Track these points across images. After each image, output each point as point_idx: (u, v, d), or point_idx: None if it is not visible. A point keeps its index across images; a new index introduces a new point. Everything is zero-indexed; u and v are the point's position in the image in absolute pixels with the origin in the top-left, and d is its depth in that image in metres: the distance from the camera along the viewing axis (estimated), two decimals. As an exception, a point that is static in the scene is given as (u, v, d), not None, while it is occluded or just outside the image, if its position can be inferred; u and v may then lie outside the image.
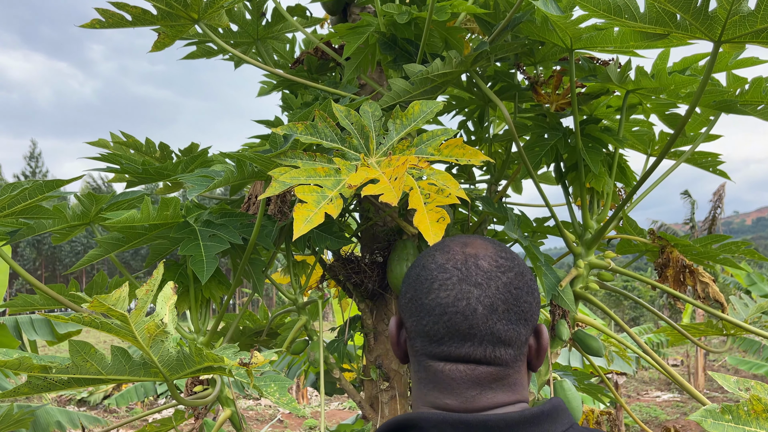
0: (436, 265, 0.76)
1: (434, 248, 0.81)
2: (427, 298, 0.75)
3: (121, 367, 0.94)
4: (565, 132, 1.59)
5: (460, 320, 0.73)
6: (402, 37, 1.52)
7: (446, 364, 0.74)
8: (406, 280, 0.80)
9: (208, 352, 0.89)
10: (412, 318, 0.77)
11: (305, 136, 1.12)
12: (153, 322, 0.87)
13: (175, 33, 1.41)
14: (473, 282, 0.74)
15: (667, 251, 1.48)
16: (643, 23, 1.15)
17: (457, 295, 0.73)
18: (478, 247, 0.78)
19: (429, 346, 0.75)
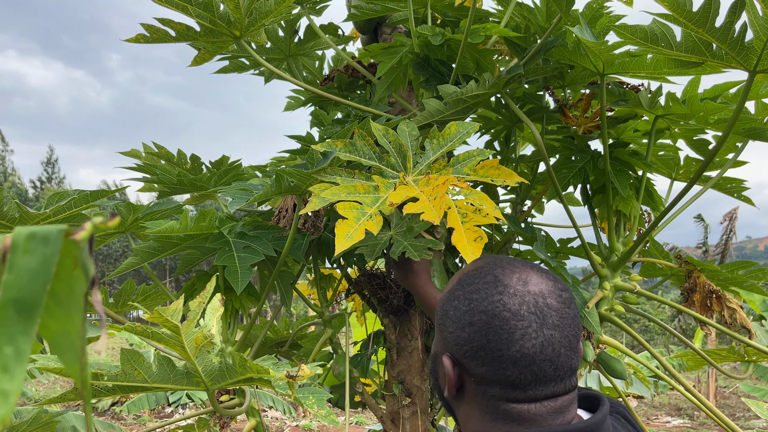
0: (510, 313, 0.77)
1: (492, 288, 0.80)
2: (510, 349, 0.76)
3: (166, 376, 0.96)
4: (593, 155, 1.61)
5: (548, 366, 0.76)
6: (435, 57, 1.56)
7: (530, 404, 0.77)
8: (466, 327, 0.79)
9: (252, 364, 0.91)
10: (486, 367, 0.77)
11: (345, 154, 1.15)
12: (201, 333, 0.89)
13: (215, 49, 1.45)
14: (551, 325, 0.77)
15: (694, 276, 1.49)
16: (679, 51, 1.17)
17: (542, 342, 0.76)
18: (535, 281, 0.79)
19: (512, 392, 0.77)
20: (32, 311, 0.29)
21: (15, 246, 0.29)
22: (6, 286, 0.29)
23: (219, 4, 1.28)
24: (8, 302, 0.29)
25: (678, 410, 13.73)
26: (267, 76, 2.17)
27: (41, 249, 0.29)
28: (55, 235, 0.30)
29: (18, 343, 0.29)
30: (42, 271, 0.29)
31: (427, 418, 1.75)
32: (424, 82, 1.56)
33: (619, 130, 1.74)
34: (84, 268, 0.30)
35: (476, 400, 0.80)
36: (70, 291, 0.31)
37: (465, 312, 0.80)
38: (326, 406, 1.01)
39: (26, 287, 0.29)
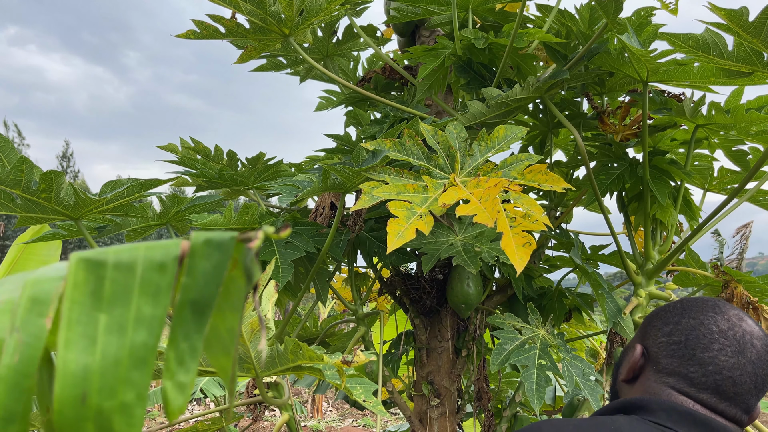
0: (717, 329, 0.87)
1: (711, 307, 0.91)
2: (703, 353, 0.86)
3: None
4: (631, 162, 1.61)
5: (729, 384, 0.85)
6: (477, 61, 1.57)
7: (696, 404, 0.86)
8: (671, 323, 0.91)
9: (306, 350, 0.92)
10: (674, 359, 0.88)
11: (394, 153, 1.16)
12: (257, 317, 0.90)
13: (262, 47, 1.47)
14: (748, 359, 0.86)
15: (731, 286, 1.48)
16: (730, 61, 1.17)
17: (735, 364, 0.85)
18: (752, 325, 0.89)
19: (686, 387, 0.86)
20: (206, 311, 0.31)
21: (193, 251, 0.32)
22: (185, 288, 0.31)
23: (272, 1, 1.30)
24: (186, 303, 0.31)
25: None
26: (303, 75, 2.19)
27: (216, 254, 0.31)
28: (228, 242, 0.32)
29: (193, 340, 0.31)
30: (216, 275, 0.31)
31: (455, 419, 1.76)
32: (466, 84, 1.57)
33: (656, 139, 1.74)
34: (247, 271, 0.32)
35: (646, 385, 0.90)
36: (226, 292, 0.33)
37: (677, 314, 0.92)
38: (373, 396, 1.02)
39: (202, 290, 0.31)
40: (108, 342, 0.30)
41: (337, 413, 12.08)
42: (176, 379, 0.31)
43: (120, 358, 0.30)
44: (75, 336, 0.30)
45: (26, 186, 1.05)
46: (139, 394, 0.30)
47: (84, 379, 0.30)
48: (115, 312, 0.31)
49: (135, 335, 0.30)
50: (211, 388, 5.80)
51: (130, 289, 0.31)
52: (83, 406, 0.29)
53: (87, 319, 0.30)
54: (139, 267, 0.31)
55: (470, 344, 1.73)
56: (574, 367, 1.38)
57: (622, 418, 0.83)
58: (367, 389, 1.00)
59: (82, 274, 0.31)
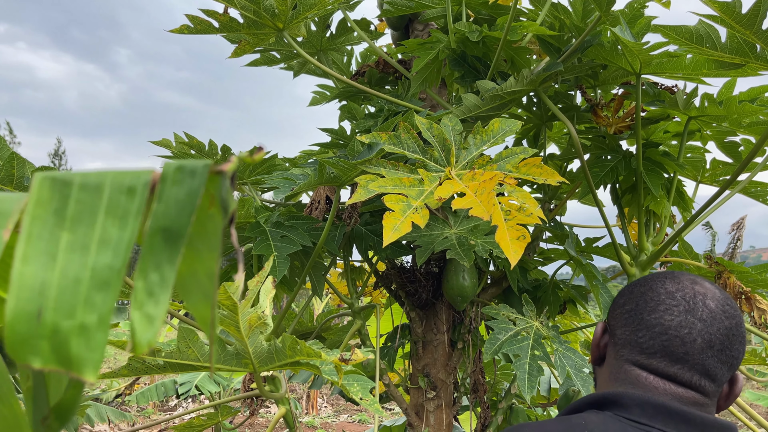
0: (665, 291, 0.83)
1: (664, 275, 0.87)
2: (650, 315, 0.82)
3: (217, 356, 0.98)
4: (625, 154, 1.62)
5: (677, 344, 0.80)
6: (471, 54, 1.57)
7: (650, 375, 0.81)
8: (626, 294, 0.88)
9: (303, 346, 0.92)
10: (625, 328, 0.85)
11: (389, 146, 1.16)
12: (256, 313, 0.91)
13: (256, 41, 1.47)
14: (698, 317, 0.81)
15: (724, 277, 1.50)
16: (723, 52, 1.18)
17: (681, 322, 0.80)
18: (707, 287, 0.84)
19: (638, 356, 0.82)
20: (178, 240, 0.30)
21: (164, 177, 0.30)
22: (155, 215, 0.30)
23: (266, -4, 1.30)
24: (157, 231, 0.30)
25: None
26: (296, 70, 2.19)
27: (188, 181, 0.30)
28: (202, 169, 0.30)
29: (163, 270, 0.29)
30: (189, 202, 0.30)
31: (451, 411, 1.77)
32: (460, 78, 1.57)
33: (649, 131, 1.75)
34: (223, 204, 0.31)
35: (610, 363, 0.86)
36: (201, 230, 0.31)
37: (633, 285, 0.89)
38: (370, 394, 1.02)
39: (174, 217, 0.30)
40: (69, 260, 0.29)
41: (332, 409, 12.10)
42: (144, 310, 0.29)
43: (81, 278, 0.29)
44: (34, 251, 0.29)
45: (18, 182, 1.05)
46: (101, 317, 0.29)
47: (40, 294, 0.28)
48: (78, 231, 0.29)
49: (99, 256, 0.29)
50: (206, 384, 5.80)
51: (95, 210, 0.30)
52: (38, 323, 0.28)
53: (48, 236, 0.29)
54: (107, 189, 0.30)
55: (466, 337, 1.74)
56: (567, 358, 1.39)
57: (595, 417, 0.79)
58: (364, 387, 1.00)
59: (46, 192, 0.30)
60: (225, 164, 0.32)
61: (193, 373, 5.98)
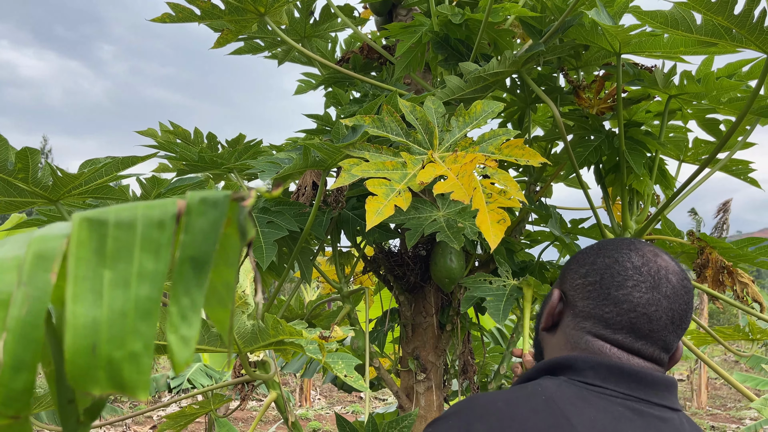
0: (631, 265, 0.84)
1: (626, 245, 0.88)
2: (618, 291, 0.83)
3: (201, 337, 0.99)
4: (608, 134, 1.64)
5: (644, 322, 0.82)
6: (454, 37, 1.58)
7: (613, 347, 0.83)
8: (587, 264, 0.88)
9: (285, 325, 0.93)
10: (589, 301, 0.85)
11: (373, 129, 1.17)
12: (237, 293, 0.92)
13: (239, 29, 1.47)
14: (663, 293, 0.83)
15: (707, 252, 1.52)
16: (699, 35, 1.20)
17: (648, 300, 0.82)
18: (667, 260, 0.87)
19: (602, 330, 0.84)
20: (205, 267, 0.33)
21: (189, 209, 0.33)
22: (184, 245, 0.33)
23: (246, -20, 1.30)
24: (186, 260, 0.33)
25: (671, 400, 13.86)
26: (281, 58, 2.19)
27: (212, 212, 0.33)
28: (223, 200, 0.34)
29: (193, 295, 0.33)
30: (213, 232, 0.33)
31: (441, 393, 1.79)
32: (444, 61, 1.58)
33: (632, 112, 1.77)
34: (241, 228, 0.34)
35: (566, 332, 0.88)
36: (221, 249, 0.35)
37: (592, 254, 0.89)
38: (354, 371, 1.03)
39: (200, 246, 0.33)
40: (114, 296, 0.32)
41: (326, 401, 12.14)
42: (180, 333, 0.32)
43: (126, 311, 0.32)
44: (82, 291, 0.32)
45: (2, 166, 1.05)
46: (146, 344, 0.32)
47: (93, 330, 0.32)
48: (118, 268, 0.32)
49: (139, 289, 0.32)
50: (198, 378, 5.81)
51: (131, 246, 0.33)
52: (94, 356, 0.31)
53: (93, 275, 0.32)
54: (139, 225, 0.33)
55: (454, 319, 1.75)
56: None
57: (551, 383, 0.80)
58: (348, 364, 1.01)
59: (85, 232, 0.33)
60: (246, 198, 0.35)
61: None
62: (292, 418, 1.57)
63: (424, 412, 1.76)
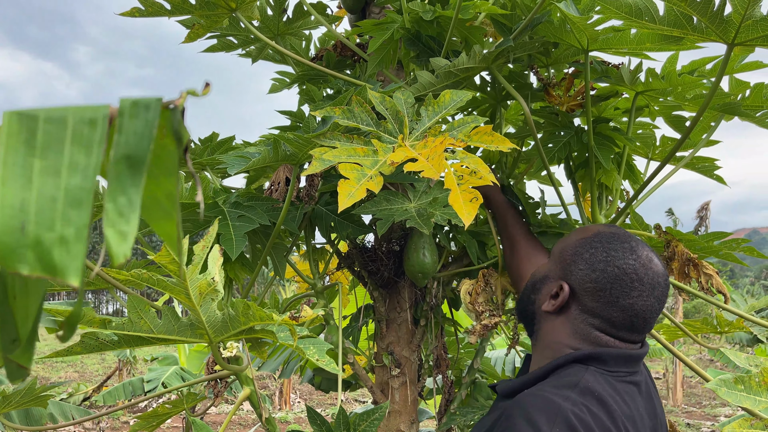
0: (637, 277, 1.03)
1: (629, 253, 1.06)
2: (624, 300, 1.02)
3: (171, 327, 0.98)
4: (577, 130, 1.67)
5: (641, 321, 1.04)
6: (425, 33, 1.59)
7: (615, 340, 1.04)
8: (600, 271, 1.05)
9: (256, 310, 0.93)
10: (599, 303, 1.04)
11: (343, 120, 1.18)
12: (205, 280, 0.91)
13: (210, 24, 1.47)
14: (656, 297, 1.05)
15: (673, 245, 1.56)
16: (662, 25, 1.22)
17: (646, 305, 1.03)
18: (658, 265, 1.07)
19: (609, 327, 1.04)
20: (140, 166, 0.34)
21: (122, 111, 0.34)
22: (118, 145, 0.34)
23: (217, -26, 1.30)
24: (121, 159, 0.34)
25: (647, 398, 14.05)
26: (254, 55, 2.18)
27: (144, 114, 0.34)
28: (155, 103, 0.34)
29: (130, 193, 0.33)
30: (146, 132, 0.34)
31: (416, 388, 1.80)
32: (415, 57, 1.60)
33: (601, 109, 1.80)
34: (176, 135, 0.34)
35: (571, 321, 1.06)
36: (158, 159, 0.35)
37: (601, 261, 1.06)
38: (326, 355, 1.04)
39: (135, 145, 0.34)
40: (44, 182, 0.33)
41: (304, 403, 12.08)
42: (117, 228, 0.33)
43: (56, 197, 0.33)
44: (11, 175, 0.33)
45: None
46: (78, 230, 0.33)
47: (21, 211, 0.32)
48: (49, 158, 0.33)
49: (70, 179, 0.33)
50: (173, 381, 5.75)
51: (62, 140, 0.34)
52: (22, 235, 0.32)
53: (23, 163, 0.33)
54: (70, 121, 0.34)
55: (428, 314, 1.76)
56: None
57: (585, 374, 0.98)
58: (320, 349, 1.02)
59: (15, 125, 0.34)
60: (175, 99, 0.36)
61: (161, 370, 5.92)
62: (266, 414, 1.57)
63: (398, 407, 1.77)
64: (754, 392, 0.96)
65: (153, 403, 9.24)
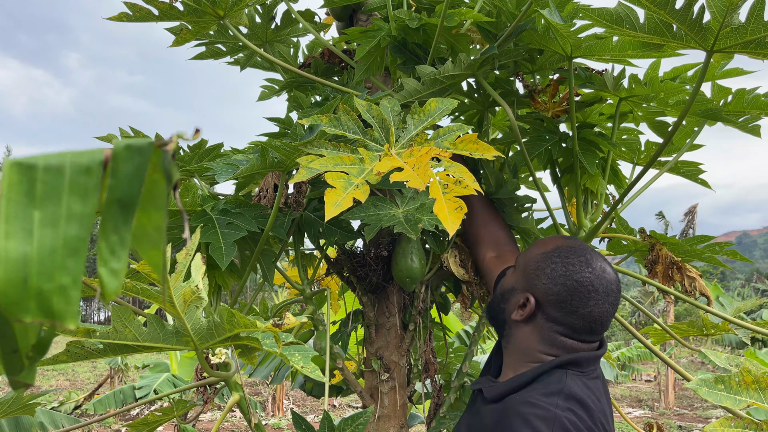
0: (593, 288, 1.16)
1: (585, 266, 1.18)
2: (584, 309, 1.16)
3: (156, 335, 0.99)
4: (562, 136, 1.69)
5: (599, 325, 1.18)
6: (412, 41, 1.61)
7: (577, 342, 1.18)
8: (561, 285, 1.17)
9: (240, 317, 0.94)
10: (561, 313, 1.17)
11: (330, 128, 1.19)
12: (189, 288, 0.92)
13: (197, 29, 1.48)
14: (610, 302, 1.18)
15: (657, 248, 1.58)
16: (642, 33, 1.25)
17: (604, 311, 1.17)
18: (609, 271, 1.20)
19: (571, 332, 1.18)
20: (131, 207, 0.36)
21: (116, 155, 0.36)
22: (111, 188, 0.36)
23: (204, -17, 1.31)
24: (113, 201, 0.36)
25: (639, 401, 14.12)
26: (243, 63, 2.19)
27: (136, 157, 0.36)
28: (147, 147, 0.37)
29: (121, 232, 0.36)
30: (138, 176, 0.36)
31: (405, 392, 1.81)
32: (402, 64, 1.61)
33: (586, 114, 1.83)
34: (167, 173, 0.36)
35: (539, 329, 1.20)
36: (149, 194, 0.38)
37: (561, 275, 1.18)
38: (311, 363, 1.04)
39: (126, 189, 0.36)
40: (43, 234, 0.35)
41: (299, 410, 12.03)
42: (110, 266, 0.35)
43: (55, 248, 0.35)
44: (13, 229, 0.34)
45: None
46: (74, 278, 0.35)
47: (24, 264, 0.34)
48: (47, 209, 0.35)
49: (67, 229, 0.35)
50: (165, 388, 5.72)
51: (60, 190, 0.35)
52: (25, 288, 0.34)
53: (23, 215, 0.35)
54: (68, 170, 0.36)
55: (417, 318, 1.78)
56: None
57: (565, 377, 1.13)
58: (305, 356, 1.02)
59: (15, 176, 0.35)
60: (167, 142, 0.38)
61: (152, 377, 5.89)
62: (255, 420, 1.57)
63: (388, 412, 1.77)
64: (734, 392, 0.98)
65: (145, 410, 9.18)
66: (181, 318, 0.95)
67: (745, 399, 0.96)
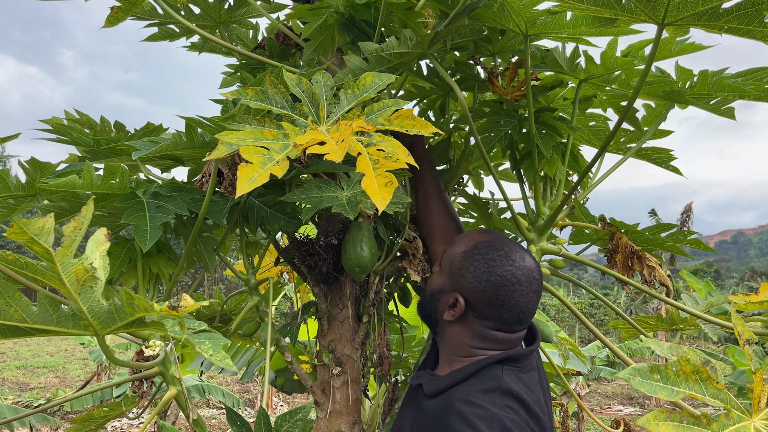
0: (516, 280, 1.19)
1: (505, 260, 1.21)
2: (510, 302, 1.19)
3: (48, 317, 0.91)
4: (520, 119, 1.62)
5: (526, 315, 1.21)
6: (361, 18, 1.53)
7: (508, 333, 1.22)
8: (485, 282, 1.20)
9: (139, 300, 0.86)
10: (490, 309, 1.20)
11: (255, 102, 1.11)
12: (82, 265, 0.84)
13: (128, 6, 1.40)
14: (534, 290, 1.22)
15: (617, 237, 1.50)
16: (590, 5, 1.17)
17: (528, 301, 1.20)
18: (528, 259, 1.23)
19: (500, 325, 1.21)
20: None
21: None
22: None
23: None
24: None
25: (630, 399, 14.09)
26: (200, 46, 2.11)
27: None
28: None
29: None
30: None
31: (359, 387, 1.73)
32: (350, 43, 1.53)
33: (549, 99, 1.75)
34: None
35: (470, 326, 1.23)
36: None
37: (484, 272, 1.21)
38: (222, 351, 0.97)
39: None
40: None
41: (288, 407, 11.95)
42: None
43: None
44: None
45: None
46: None
47: None
48: None
49: None
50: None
51: None
52: None
53: None
54: None
55: (371, 310, 1.70)
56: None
57: (503, 374, 1.16)
58: (215, 344, 0.95)
59: None
60: None
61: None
62: (194, 416, 1.49)
63: (339, 407, 1.70)
64: (671, 382, 0.90)
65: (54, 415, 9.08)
66: (75, 299, 0.87)
67: (683, 390, 0.88)
